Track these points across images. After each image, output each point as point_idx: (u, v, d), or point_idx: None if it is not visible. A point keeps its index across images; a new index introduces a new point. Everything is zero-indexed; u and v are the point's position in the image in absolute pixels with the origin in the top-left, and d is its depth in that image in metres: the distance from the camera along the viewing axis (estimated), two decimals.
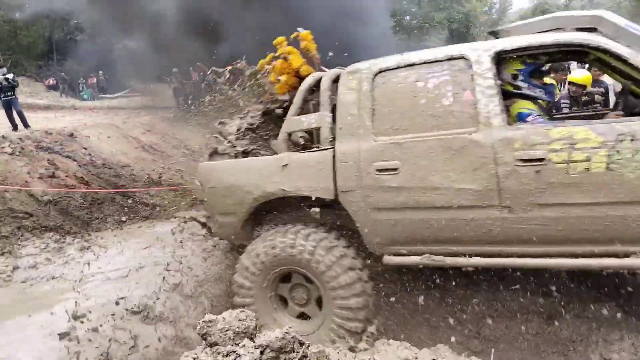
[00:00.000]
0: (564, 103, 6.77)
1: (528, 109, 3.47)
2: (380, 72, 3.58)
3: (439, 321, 4.01)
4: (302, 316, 4.07)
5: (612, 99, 6.48)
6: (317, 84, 4.07)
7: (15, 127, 11.38)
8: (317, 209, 3.81)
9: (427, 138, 3.31)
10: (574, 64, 9.64)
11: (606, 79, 6.64)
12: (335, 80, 3.93)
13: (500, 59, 3.33)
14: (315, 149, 3.81)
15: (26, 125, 11.52)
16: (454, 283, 3.91)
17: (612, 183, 2.84)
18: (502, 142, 3.09)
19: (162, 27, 17.91)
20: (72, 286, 5.43)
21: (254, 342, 2.39)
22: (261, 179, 3.87)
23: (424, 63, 3.45)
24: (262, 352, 2.34)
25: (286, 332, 2.37)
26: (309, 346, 2.48)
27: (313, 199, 3.72)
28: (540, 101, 3.78)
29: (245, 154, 4.40)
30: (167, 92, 20.28)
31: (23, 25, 25.77)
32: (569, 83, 7.03)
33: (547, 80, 6.74)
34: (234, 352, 2.38)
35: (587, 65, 7.33)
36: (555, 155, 2.97)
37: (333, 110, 3.87)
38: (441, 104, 3.33)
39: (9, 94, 11.68)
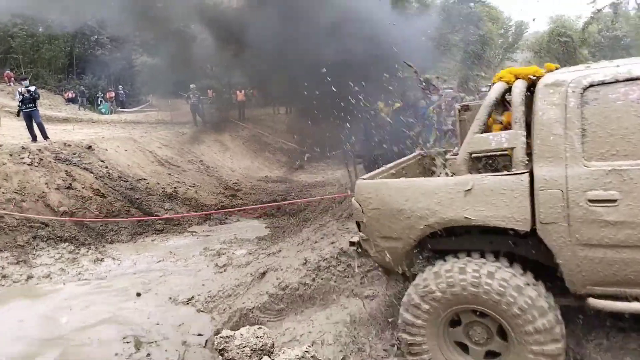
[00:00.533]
0: None
1: None
2: (591, 86, 3.12)
3: None
4: (489, 355, 3.59)
5: None
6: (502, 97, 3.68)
7: (34, 139, 11.53)
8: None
9: None
10: None
11: None
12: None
13: None
14: (505, 172, 3.34)
15: (45, 136, 11.67)
16: None
17: None
18: None
19: (182, 43, 18.16)
20: None
21: (272, 359, 2.32)
22: (438, 204, 3.40)
23: None
24: None
25: (306, 351, 2.31)
26: None
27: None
28: None
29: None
30: (184, 108, 20.52)
31: (45, 39, 26.37)
32: None
33: None
34: None
35: None
36: None
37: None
38: None
39: (30, 105, 11.85)
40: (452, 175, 3.84)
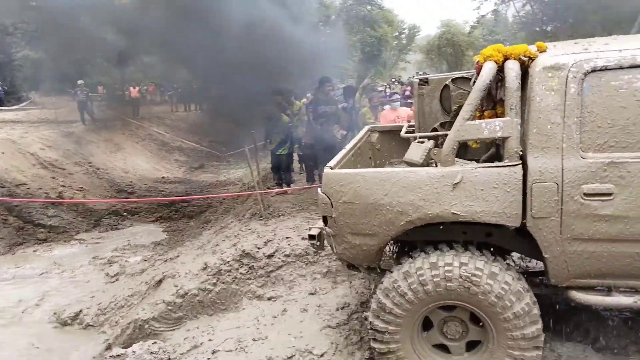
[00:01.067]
0: None
1: None
2: (593, 71, 2.90)
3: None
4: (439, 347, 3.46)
5: None
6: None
7: None
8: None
9: None
10: None
11: None
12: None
13: None
14: (497, 164, 3.10)
15: None
16: None
17: None
18: None
19: (69, 35, 16.81)
20: None
21: None
22: (422, 198, 3.12)
23: None
24: None
25: None
26: None
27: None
28: None
29: None
30: (70, 106, 19.01)
31: None
32: None
33: None
34: None
35: None
36: None
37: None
38: None
39: None
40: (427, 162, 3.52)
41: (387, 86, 26.30)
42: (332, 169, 3.44)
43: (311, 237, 3.72)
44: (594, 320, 3.81)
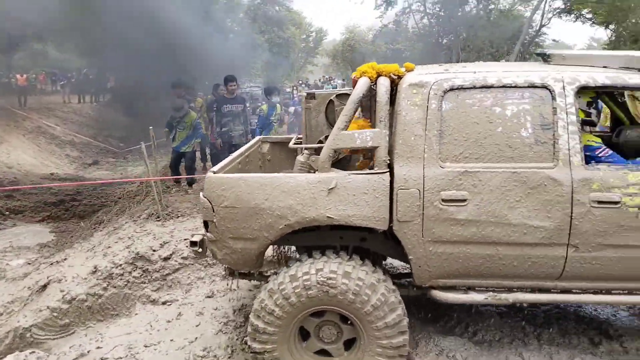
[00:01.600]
0: None
1: (596, 142, 3.43)
2: (451, 89, 3.23)
3: None
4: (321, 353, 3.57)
5: None
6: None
7: None
8: None
9: (502, 170, 3.13)
10: None
11: None
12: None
13: (580, 91, 3.27)
14: (367, 171, 3.31)
15: None
16: None
17: None
18: (581, 182, 3.07)
19: None
20: None
21: None
22: (300, 202, 3.26)
23: (503, 87, 3.21)
24: None
25: None
26: None
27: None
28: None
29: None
30: None
31: None
32: None
33: None
34: None
35: None
36: (629, 199, 3.05)
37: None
38: (519, 134, 3.15)
39: None
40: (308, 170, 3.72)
41: (295, 88, 26.61)
42: (215, 173, 3.48)
43: (193, 243, 3.71)
44: (474, 316, 4.17)
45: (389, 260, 4.73)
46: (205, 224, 3.49)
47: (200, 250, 3.71)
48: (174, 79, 9.62)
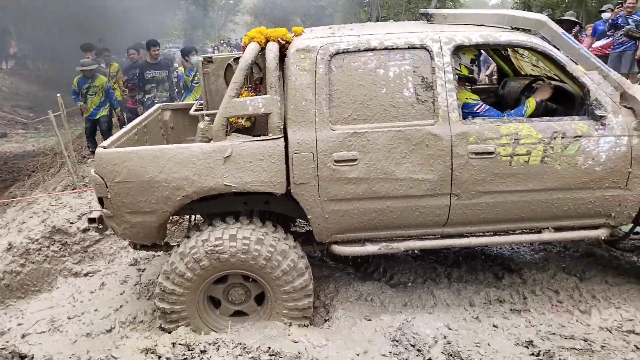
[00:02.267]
0: None
1: (473, 100, 3.66)
2: (337, 53, 3.29)
3: None
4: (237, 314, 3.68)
5: None
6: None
7: None
8: None
9: (387, 129, 3.27)
10: None
11: None
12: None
13: (456, 50, 3.44)
14: (262, 137, 3.32)
15: None
16: None
17: (544, 173, 3.34)
18: (459, 136, 3.27)
19: None
20: None
21: None
22: (196, 173, 3.24)
23: (385, 49, 3.30)
24: None
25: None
26: None
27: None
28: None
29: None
30: None
31: None
32: None
33: None
34: None
35: None
36: (502, 149, 3.30)
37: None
38: (402, 94, 3.29)
39: None
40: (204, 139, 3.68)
41: (216, 47, 25.81)
42: (105, 148, 3.40)
43: (91, 220, 3.63)
44: (391, 261, 4.47)
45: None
46: (100, 200, 3.42)
47: (101, 226, 3.63)
48: (84, 42, 9.14)
